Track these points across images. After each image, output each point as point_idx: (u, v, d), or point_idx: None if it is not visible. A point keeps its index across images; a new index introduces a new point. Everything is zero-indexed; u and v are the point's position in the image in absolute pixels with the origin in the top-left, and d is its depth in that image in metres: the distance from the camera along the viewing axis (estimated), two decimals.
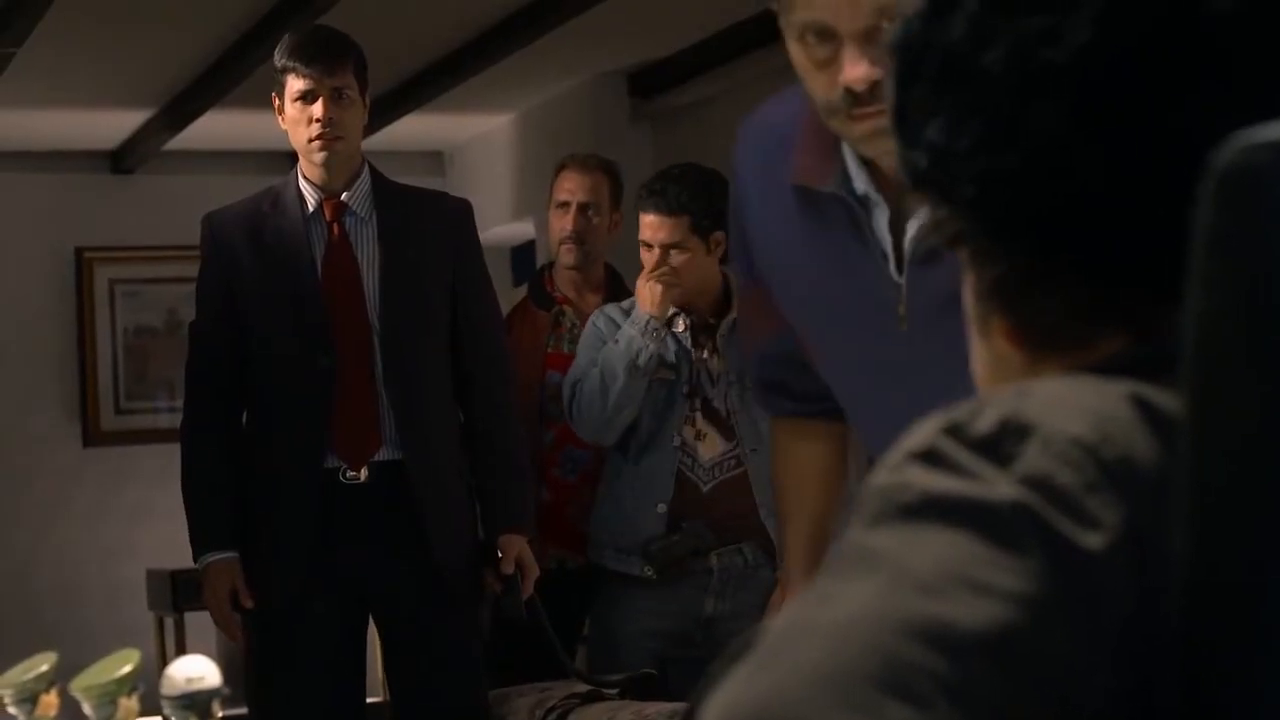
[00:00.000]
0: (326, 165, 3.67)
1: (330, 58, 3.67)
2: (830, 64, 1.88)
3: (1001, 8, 0.87)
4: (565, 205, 4.48)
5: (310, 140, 3.66)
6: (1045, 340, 0.91)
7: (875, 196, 2.01)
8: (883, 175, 1.99)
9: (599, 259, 4.51)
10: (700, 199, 4.04)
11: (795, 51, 1.92)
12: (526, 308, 4.54)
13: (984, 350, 0.96)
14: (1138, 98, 0.85)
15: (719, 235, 4.00)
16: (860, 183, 2.02)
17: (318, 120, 3.63)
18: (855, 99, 1.86)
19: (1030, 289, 0.90)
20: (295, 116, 3.67)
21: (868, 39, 1.85)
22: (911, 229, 1.99)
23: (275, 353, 3.65)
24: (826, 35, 1.87)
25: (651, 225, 4.08)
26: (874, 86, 1.82)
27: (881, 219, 2.02)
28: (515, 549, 3.73)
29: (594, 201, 4.46)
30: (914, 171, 0.93)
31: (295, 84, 3.65)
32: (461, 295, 3.77)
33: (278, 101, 3.71)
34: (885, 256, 2.02)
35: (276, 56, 3.71)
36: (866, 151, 1.96)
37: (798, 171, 2.07)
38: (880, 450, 2.07)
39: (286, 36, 3.79)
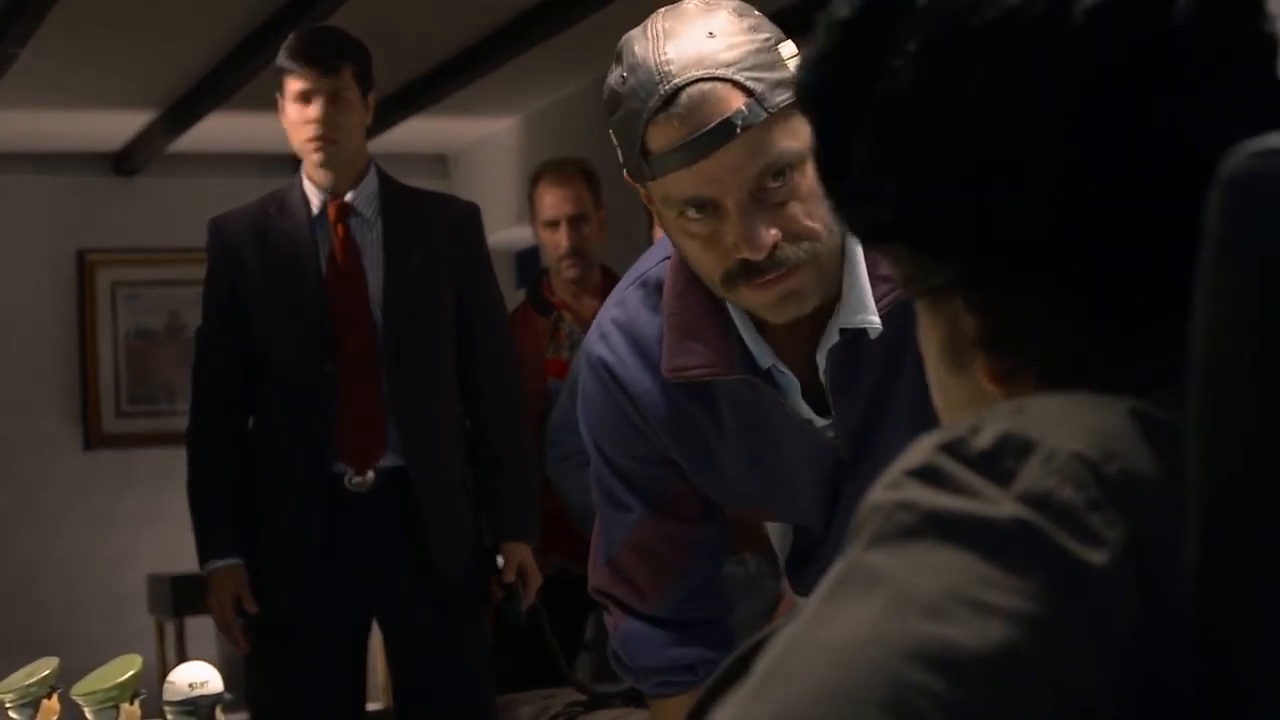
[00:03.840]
0: (324, 167, 3.66)
1: (328, 59, 3.65)
2: (716, 237, 1.74)
3: (957, 50, 0.86)
4: (555, 223, 4.48)
5: (306, 141, 3.64)
6: (1031, 379, 0.90)
7: (780, 368, 1.87)
8: (780, 342, 1.86)
9: (596, 262, 4.51)
10: None
11: (674, 229, 1.77)
12: (526, 314, 4.53)
13: (960, 387, 0.95)
14: (1127, 126, 0.84)
15: None
16: (765, 358, 1.86)
17: (313, 122, 3.62)
18: (755, 268, 1.72)
19: (1016, 330, 0.90)
20: (294, 118, 3.66)
21: (756, 202, 1.71)
22: (821, 361, 1.86)
23: (279, 357, 3.64)
24: (709, 208, 1.72)
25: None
26: (773, 250, 1.70)
27: (793, 389, 1.88)
28: (518, 557, 3.72)
29: (582, 211, 4.47)
30: (875, 227, 0.91)
31: (293, 84, 3.64)
32: (468, 302, 3.75)
33: (280, 102, 3.70)
34: (808, 420, 1.89)
35: (279, 57, 3.71)
36: (774, 317, 1.79)
37: (697, 368, 1.88)
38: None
39: (291, 36, 3.78)
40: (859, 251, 1.80)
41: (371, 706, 3.93)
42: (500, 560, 3.74)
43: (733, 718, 0.74)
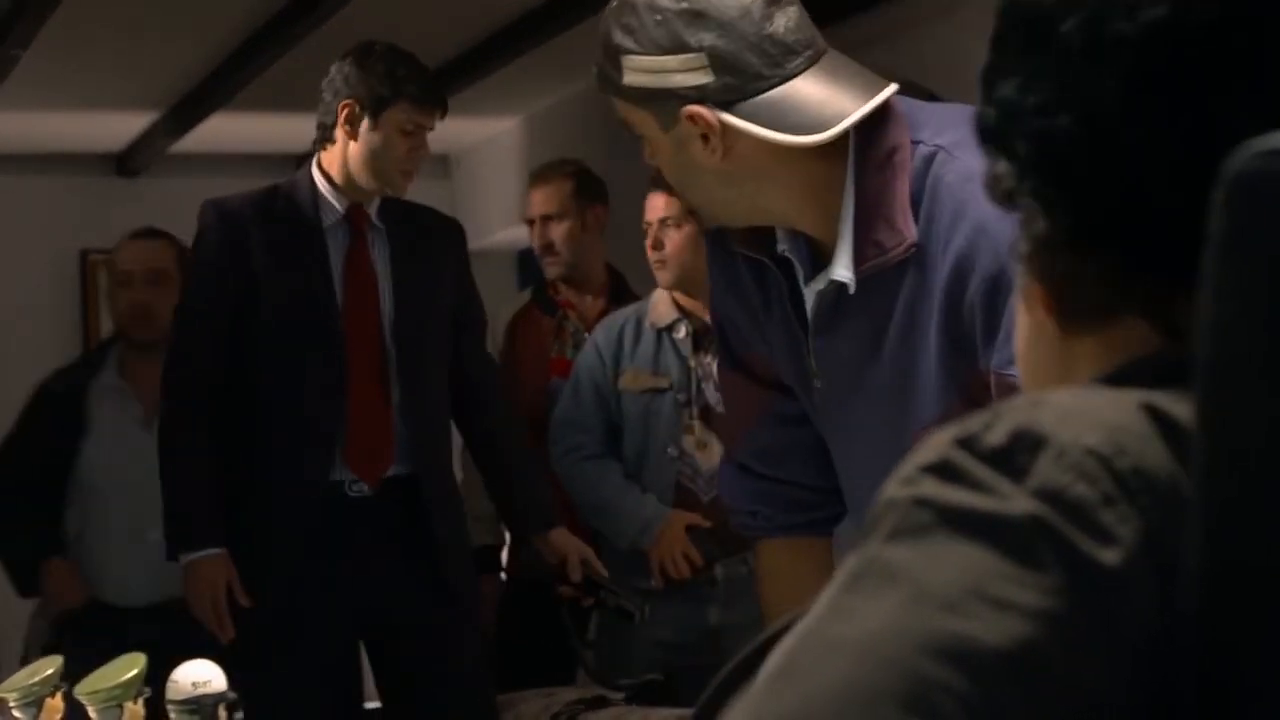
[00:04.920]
0: (396, 191, 3.73)
1: (444, 101, 3.76)
2: None
3: None
4: (531, 222, 4.56)
5: (403, 172, 3.69)
6: (1073, 309, 0.92)
7: (789, 254, 2.04)
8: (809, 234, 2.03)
9: (586, 260, 4.52)
10: None
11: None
12: (530, 313, 4.55)
13: (1026, 320, 0.97)
14: (1197, 80, 0.85)
15: None
16: (782, 243, 2.05)
17: (414, 157, 3.69)
18: None
19: (1066, 252, 0.91)
20: (393, 144, 3.66)
21: None
22: (809, 298, 2.03)
23: (285, 358, 3.62)
24: None
25: (649, 204, 4.11)
26: None
27: (802, 267, 2.05)
28: (568, 544, 3.82)
29: (552, 211, 4.51)
30: (982, 126, 0.95)
31: (411, 115, 3.66)
32: (465, 317, 3.84)
33: (354, 109, 3.65)
34: (805, 322, 2.05)
35: (383, 77, 3.66)
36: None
37: (736, 239, 2.10)
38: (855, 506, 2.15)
39: (387, 56, 3.71)
40: (851, 212, 1.95)
41: (370, 705, 3.92)
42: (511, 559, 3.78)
43: (751, 711, 0.74)
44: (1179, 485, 0.79)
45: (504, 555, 4.57)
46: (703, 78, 1.92)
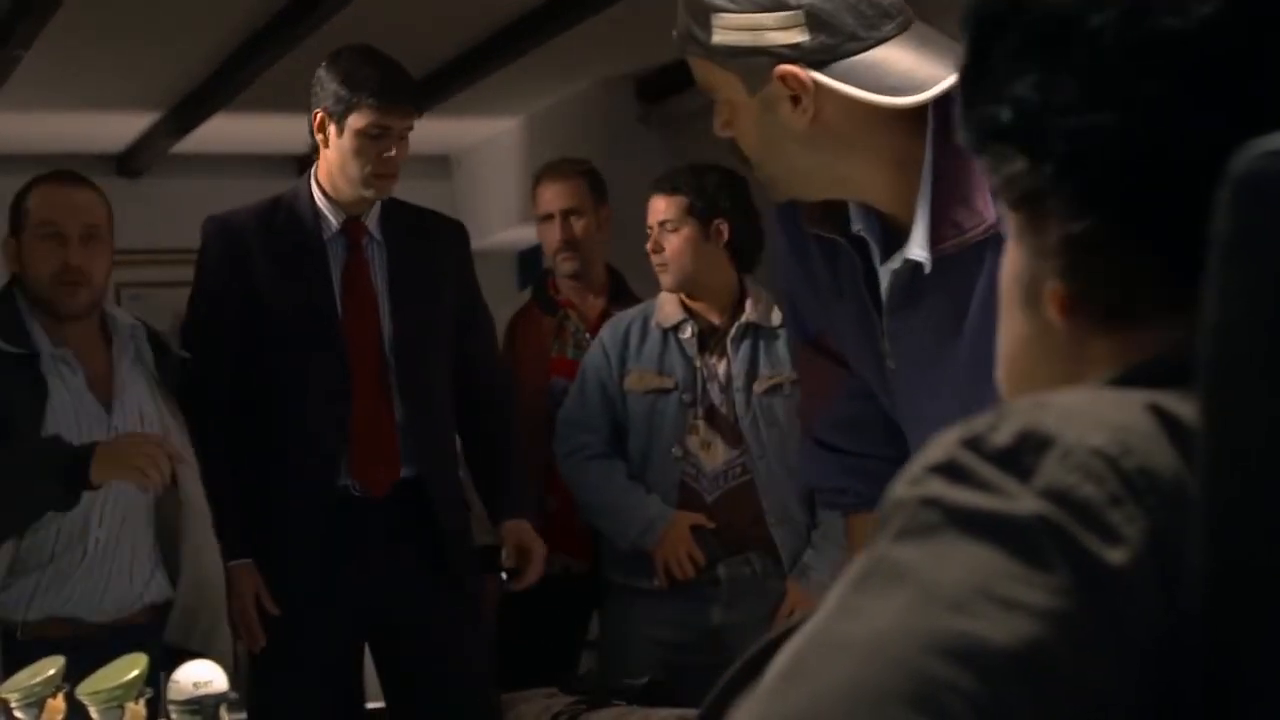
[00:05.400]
0: (380, 195, 3.67)
1: (410, 100, 3.66)
2: None
3: None
4: (550, 217, 4.52)
5: (377, 176, 3.62)
6: (1100, 310, 0.91)
7: (865, 234, 2.02)
8: (886, 212, 2.01)
9: (596, 260, 4.52)
10: (699, 185, 4.05)
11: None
12: (531, 313, 4.54)
13: (1025, 322, 0.95)
14: (1251, 75, 0.84)
15: (720, 224, 4.02)
16: (857, 222, 2.03)
17: (389, 160, 3.61)
18: None
19: (1102, 251, 0.89)
20: (359, 148, 3.60)
21: None
22: (884, 278, 2.01)
23: (290, 368, 3.63)
24: None
25: (651, 206, 4.12)
26: None
27: (875, 252, 2.04)
28: (517, 534, 3.80)
29: (575, 206, 4.49)
30: (991, 126, 0.92)
31: (371, 118, 3.59)
32: (467, 318, 3.82)
33: (322, 118, 3.64)
34: (879, 302, 2.04)
35: (341, 82, 3.61)
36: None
37: (808, 218, 2.09)
38: None
39: (349, 60, 3.66)
40: (929, 190, 1.93)
41: (372, 705, 3.93)
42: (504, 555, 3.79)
43: (760, 710, 0.74)
44: (1185, 485, 0.79)
45: (504, 555, 4.56)
46: (799, 36, 1.89)
